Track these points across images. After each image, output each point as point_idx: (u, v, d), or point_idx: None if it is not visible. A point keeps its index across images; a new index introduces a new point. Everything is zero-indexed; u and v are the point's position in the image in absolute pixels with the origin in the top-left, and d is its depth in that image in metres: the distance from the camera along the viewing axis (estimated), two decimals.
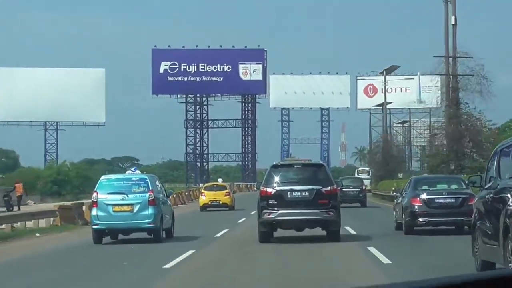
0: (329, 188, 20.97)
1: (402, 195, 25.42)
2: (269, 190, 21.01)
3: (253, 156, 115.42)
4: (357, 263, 16.30)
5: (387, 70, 79.71)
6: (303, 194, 20.90)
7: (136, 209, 22.05)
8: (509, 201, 11.26)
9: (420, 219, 23.61)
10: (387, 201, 51.03)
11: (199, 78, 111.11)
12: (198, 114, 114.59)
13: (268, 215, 20.86)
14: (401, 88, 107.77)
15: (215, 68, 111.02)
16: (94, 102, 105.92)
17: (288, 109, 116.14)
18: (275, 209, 20.86)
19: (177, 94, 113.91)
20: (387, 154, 76.60)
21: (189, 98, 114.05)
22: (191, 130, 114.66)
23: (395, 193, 29.97)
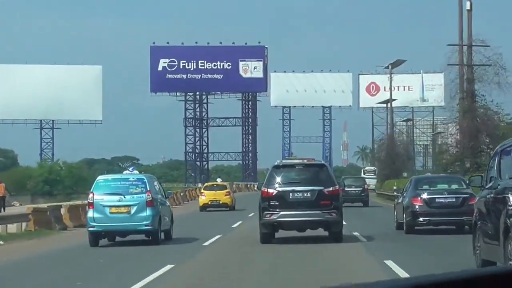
0: (331, 188, 20.83)
1: (403, 195, 25.52)
2: (270, 190, 20.84)
3: (253, 155, 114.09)
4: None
5: (392, 65, 77.22)
6: (305, 195, 20.73)
7: (133, 211, 21.42)
8: (510, 201, 11.38)
9: (421, 219, 23.68)
10: (391, 201, 50.81)
11: (198, 76, 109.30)
12: (198, 112, 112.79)
13: (269, 216, 20.67)
14: (404, 86, 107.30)
15: (214, 65, 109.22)
16: (90, 100, 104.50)
17: (289, 107, 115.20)
18: (276, 210, 20.66)
19: (176, 92, 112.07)
20: (392, 152, 75.36)
21: (188, 96, 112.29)
22: (191, 128, 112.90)
23: (395, 193, 30.01)
